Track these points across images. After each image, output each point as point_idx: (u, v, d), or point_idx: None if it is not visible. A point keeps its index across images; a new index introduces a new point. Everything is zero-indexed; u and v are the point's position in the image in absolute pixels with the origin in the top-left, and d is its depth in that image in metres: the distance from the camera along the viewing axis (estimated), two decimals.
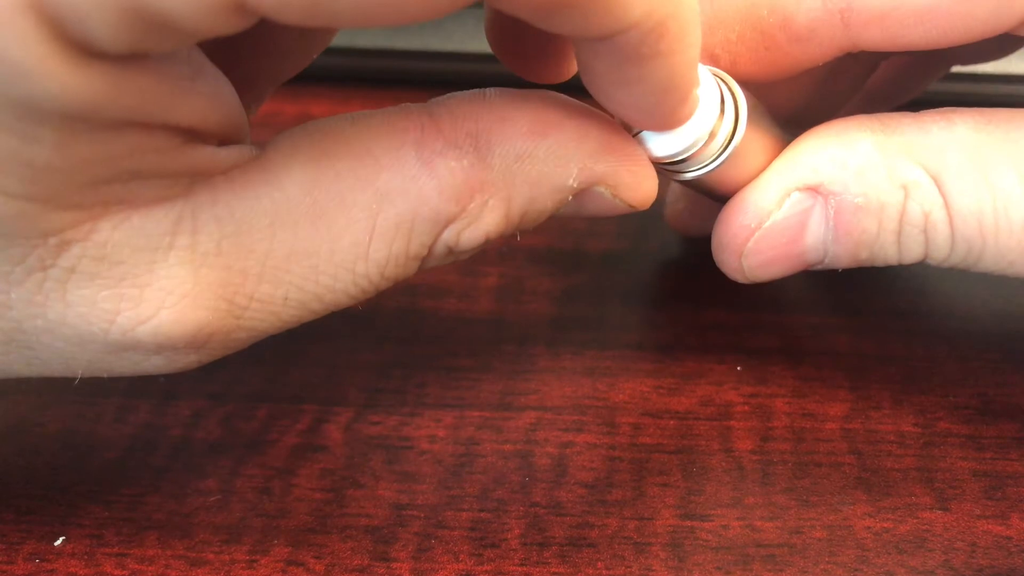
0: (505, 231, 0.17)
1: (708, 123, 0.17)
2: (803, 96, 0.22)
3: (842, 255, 0.19)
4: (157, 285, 0.15)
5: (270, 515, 0.18)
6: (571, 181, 0.17)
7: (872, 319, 0.24)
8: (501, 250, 0.25)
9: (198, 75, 0.14)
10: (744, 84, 0.18)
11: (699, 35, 0.15)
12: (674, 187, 0.25)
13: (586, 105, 0.17)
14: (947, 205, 0.18)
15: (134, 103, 0.13)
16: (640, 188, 0.18)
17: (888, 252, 0.19)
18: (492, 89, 0.17)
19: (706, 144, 0.18)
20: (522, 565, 0.17)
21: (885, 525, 0.18)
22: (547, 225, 0.26)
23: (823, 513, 0.19)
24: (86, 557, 0.17)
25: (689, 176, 0.18)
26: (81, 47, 0.12)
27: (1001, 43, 0.23)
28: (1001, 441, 0.20)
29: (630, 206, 0.18)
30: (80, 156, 0.13)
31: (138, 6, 0.11)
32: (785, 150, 0.19)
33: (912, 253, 0.19)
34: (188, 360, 0.16)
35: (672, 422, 0.21)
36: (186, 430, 0.20)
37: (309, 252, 0.15)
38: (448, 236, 0.16)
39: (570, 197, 0.17)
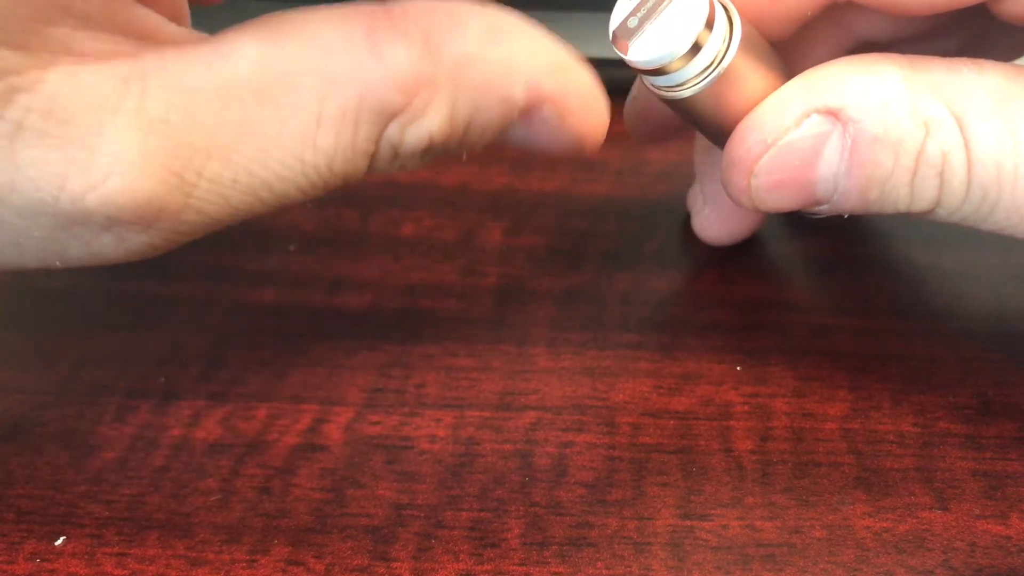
0: (449, 137, 0.17)
1: (692, 31, 0.17)
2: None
3: (852, 191, 0.19)
4: (106, 149, 0.14)
5: (270, 515, 0.18)
6: (518, 92, 0.16)
7: (872, 319, 0.24)
8: (501, 250, 0.25)
9: None
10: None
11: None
12: (699, 194, 0.25)
13: (541, 27, 0.17)
14: (967, 147, 0.18)
15: None
16: (587, 117, 0.17)
17: (900, 193, 0.19)
18: None
19: (690, 55, 0.17)
20: (522, 565, 0.17)
21: (885, 525, 0.18)
22: (547, 225, 0.27)
23: (823, 513, 0.19)
24: (86, 557, 0.17)
25: (678, 95, 0.18)
26: None
27: (1004, 50, 0.23)
28: (1001, 441, 0.20)
29: (577, 139, 0.17)
30: None
31: None
32: (806, 72, 0.19)
33: (924, 198, 0.19)
34: (138, 241, 0.15)
35: (672, 422, 0.21)
36: (186, 430, 0.20)
37: (257, 133, 0.15)
38: (392, 131, 0.16)
39: (516, 115, 0.17)
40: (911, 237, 0.27)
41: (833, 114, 0.18)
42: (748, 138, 0.19)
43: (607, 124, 0.18)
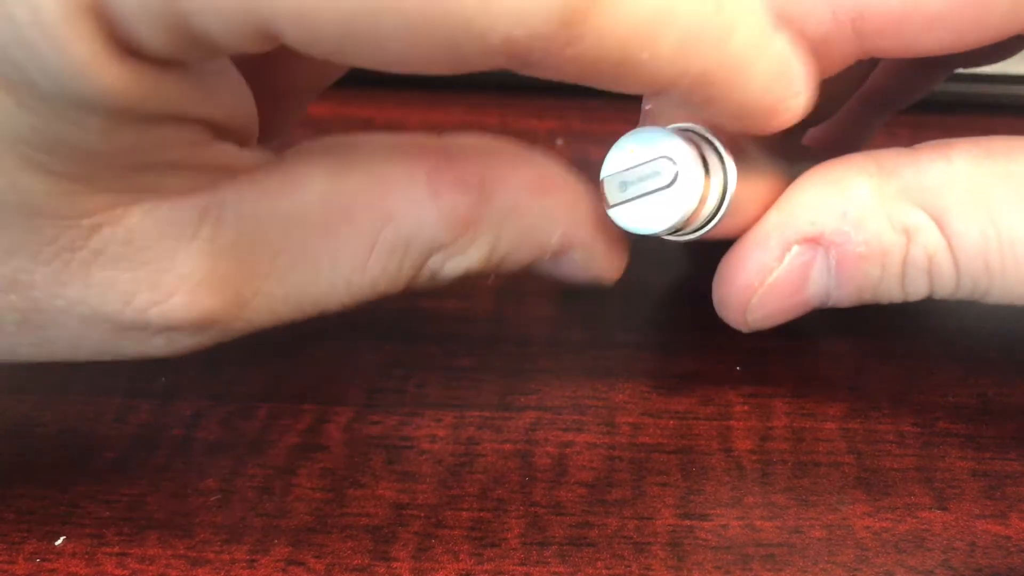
0: (484, 270, 0.18)
1: (695, 193, 0.17)
2: None
3: (845, 298, 0.19)
4: (176, 272, 0.15)
5: (270, 515, 0.18)
6: (553, 240, 0.18)
7: (872, 319, 0.24)
8: None
9: (225, 79, 0.15)
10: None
11: (763, 57, 0.15)
12: None
13: (581, 175, 0.18)
14: (950, 246, 0.18)
15: (170, 99, 0.14)
16: (611, 263, 0.19)
17: (892, 293, 0.19)
18: (503, 138, 0.18)
19: (697, 210, 0.17)
20: (522, 565, 0.17)
21: (884, 525, 0.18)
22: None
23: (822, 513, 0.19)
24: (87, 557, 0.17)
25: (689, 238, 0.19)
26: (129, 49, 0.13)
27: (1007, 45, 0.23)
28: (1001, 441, 0.20)
29: (597, 277, 0.19)
30: (120, 144, 0.14)
31: (180, 23, 0.12)
32: (781, 199, 0.19)
33: (917, 292, 0.19)
34: (187, 343, 0.17)
35: (672, 422, 0.21)
36: (186, 430, 0.20)
37: (315, 258, 0.17)
38: (434, 262, 0.17)
39: (547, 256, 0.18)
40: None
41: (813, 241, 0.19)
42: (736, 281, 0.19)
43: (623, 269, 0.20)
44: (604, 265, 0.19)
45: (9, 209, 0.14)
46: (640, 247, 0.26)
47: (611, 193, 0.18)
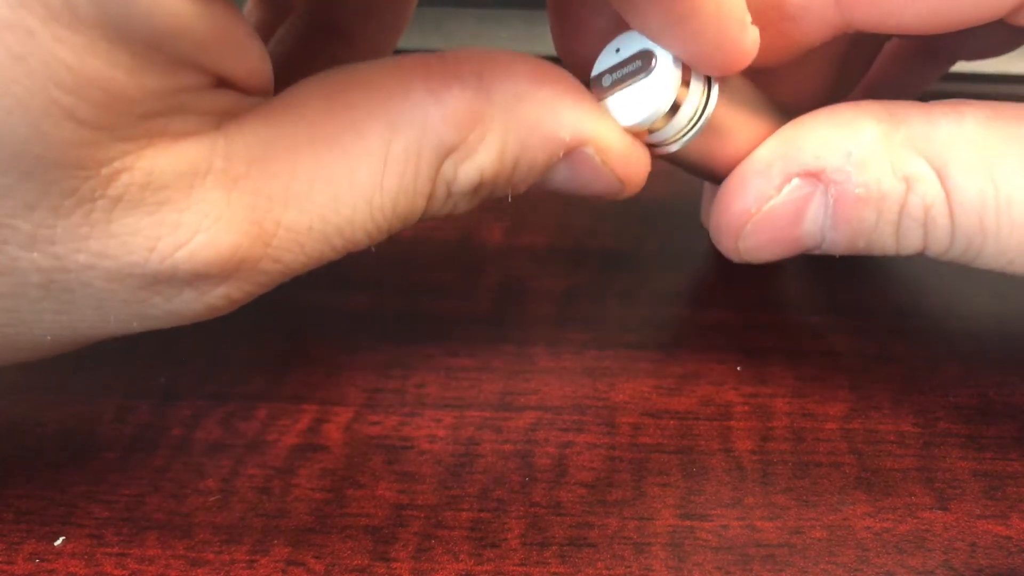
0: (498, 173, 0.17)
1: (669, 91, 0.18)
2: (803, 89, 0.22)
3: (839, 242, 0.19)
4: (194, 208, 0.15)
5: (270, 515, 0.18)
6: (563, 132, 0.17)
7: (872, 319, 0.24)
8: (501, 250, 0.25)
9: (239, 32, 0.16)
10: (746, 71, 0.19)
11: None
12: (706, 189, 0.25)
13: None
14: (949, 200, 0.18)
15: (199, 41, 0.14)
16: (629, 158, 0.18)
17: (886, 242, 0.19)
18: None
19: (676, 108, 0.18)
20: (522, 565, 0.17)
21: (885, 525, 0.18)
22: (547, 224, 0.27)
23: (823, 513, 0.19)
24: (86, 557, 0.17)
25: (668, 150, 0.19)
26: None
27: (1004, 38, 0.23)
28: (1001, 441, 0.20)
29: (619, 180, 0.18)
30: (145, 86, 0.14)
31: None
32: (788, 129, 0.19)
33: (910, 245, 0.19)
34: (217, 294, 0.16)
35: (672, 422, 0.21)
36: (186, 430, 0.20)
37: (330, 179, 0.16)
38: (447, 168, 0.17)
39: (560, 154, 0.18)
40: None
41: (814, 176, 0.19)
42: (732, 206, 0.19)
43: (646, 170, 0.19)
44: (623, 160, 0.18)
45: (30, 160, 0.14)
46: (640, 248, 0.26)
47: (598, 89, 0.18)
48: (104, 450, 0.20)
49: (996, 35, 0.22)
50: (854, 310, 0.24)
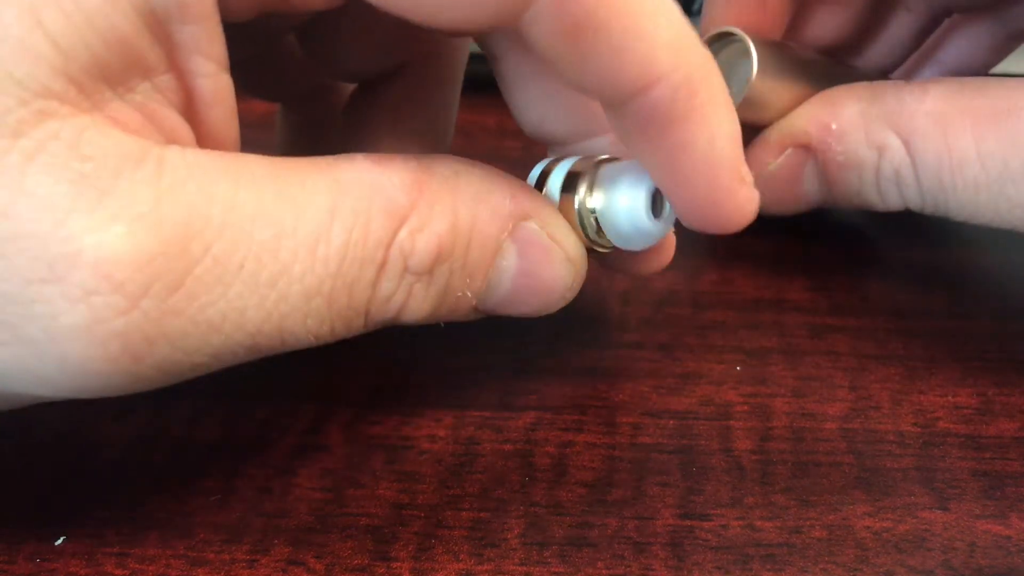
0: (455, 246, 0.17)
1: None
2: (846, 36, 0.26)
3: (837, 199, 0.24)
4: (119, 195, 0.14)
5: (270, 514, 0.18)
6: (507, 202, 0.18)
7: (872, 319, 0.24)
8: None
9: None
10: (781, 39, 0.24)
11: (733, 113, 0.16)
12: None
13: None
14: (913, 164, 0.22)
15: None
16: (566, 227, 0.18)
17: (873, 200, 0.24)
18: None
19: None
20: (522, 565, 0.17)
21: (885, 525, 0.18)
22: None
23: (823, 513, 0.19)
24: (86, 557, 0.17)
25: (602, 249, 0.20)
26: None
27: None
28: (1001, 441, 0.20)
29: (565, 254, 0.18)
30: (118, 37, 0.14)
31: None
32: (790, 114, 0.24)
33: (893, 202, 0.23)
34: (109, 330, 0.14)
35: (672, 422, 0.21)
36: (186, 430, 0.20)
37: (274, 220, 0.15)
38: (403, 238, 0.16)
39: (509, 226, 0.18)
40: (911, 237, 0.27)
41: (804, 146, 0.24)
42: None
43: (583, 260, 0.19)
44: (566, 236, 0.18)
45: None
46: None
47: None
48: (104, 450, 0.20)
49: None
50: (854, 310, 0.24)
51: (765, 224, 0.27)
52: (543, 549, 0.18)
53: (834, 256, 0.26)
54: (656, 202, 0.18)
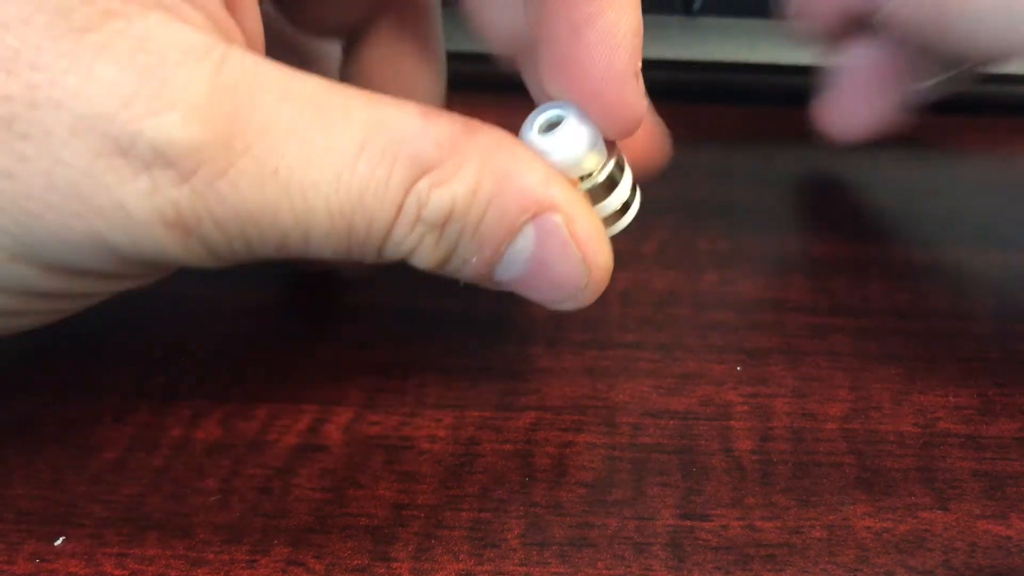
0: (469, 210, 0.17)
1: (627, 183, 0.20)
2: None
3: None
4: (178, 85, 0.15)
5: (270, 515, 0.18)
6: (537, 189, 0.18)
7: (872, 319, 0.24)
8: None
9: None
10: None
11: (638, 9, 0.18)
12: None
13: None
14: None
15: None
16: (594, 237, 0.19)
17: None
18: None
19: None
20: (522, 565, 0.17)
21: (885, 525, 0.18)
22: None
23: (823, 513, 0.19)
24: (86, 557, 0.17)
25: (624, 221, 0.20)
26: None
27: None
28: (1001, 441, 0.20)
29: (584, 261, 0.19)
30: None
31: None
32: None
33: None
34: (169, 198, 0.15)
35: (672, 422, 0.21)
36: (186, 430, 0.20)
37: (308, 137, 0.16)
38: (421, 187, 0.17)
39: (531, 212, 0.18)
40: (911, 237, 0.27)
41: None
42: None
43: (610, 261, 0.19)
44: (587, 239, 0.18)
45: None
46: (640, 248, 0.26)
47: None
48: (104, 450, 0.20)
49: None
50: (854, 310, 0.24)
51: (765, 224, 0.27)
52: (543, 549, 0.18)
53: (834, 256, 0.26)
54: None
